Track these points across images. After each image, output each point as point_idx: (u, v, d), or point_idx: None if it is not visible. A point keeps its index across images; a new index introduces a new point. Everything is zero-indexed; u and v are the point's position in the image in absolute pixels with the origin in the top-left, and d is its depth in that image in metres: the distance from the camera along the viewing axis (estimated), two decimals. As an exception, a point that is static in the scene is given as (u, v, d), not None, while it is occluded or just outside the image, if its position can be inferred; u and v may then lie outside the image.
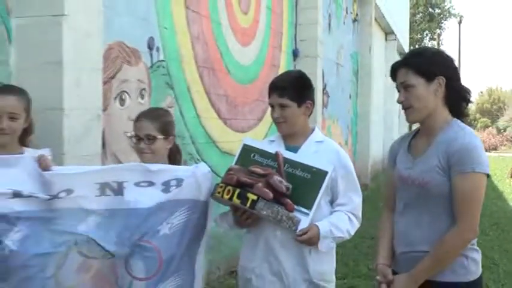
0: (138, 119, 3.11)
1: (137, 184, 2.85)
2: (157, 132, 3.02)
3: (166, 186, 2.88)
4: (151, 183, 2.87)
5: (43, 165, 2.72)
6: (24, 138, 2.99)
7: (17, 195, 2.62)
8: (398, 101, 2.68)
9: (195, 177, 2.92)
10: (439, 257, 2.53)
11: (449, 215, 2.54)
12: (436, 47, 40.79)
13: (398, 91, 2.69)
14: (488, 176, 2.53)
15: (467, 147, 2.49)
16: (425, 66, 2.58)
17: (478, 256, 2.62)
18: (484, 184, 2.53)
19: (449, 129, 2.58)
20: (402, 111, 2.74)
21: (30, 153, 2.92)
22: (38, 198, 2.65)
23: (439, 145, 2.57)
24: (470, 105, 2.75)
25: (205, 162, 5.34)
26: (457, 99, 2.64)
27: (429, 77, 2.57)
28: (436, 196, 2.55)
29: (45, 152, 2.93)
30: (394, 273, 2.69)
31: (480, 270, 2.63)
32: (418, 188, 2.61)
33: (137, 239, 2.77)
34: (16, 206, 2.61)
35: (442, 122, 2.62)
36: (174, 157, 3.20)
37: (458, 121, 2.62)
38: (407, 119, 2.71)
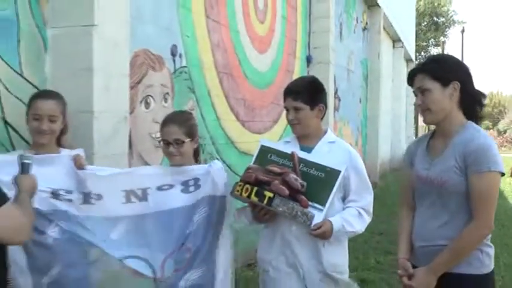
0: (165, 124, 3.04)
1: (159, 188, 2.92)
2: (185, 136, 2.98)
3: (185, 186, 2.94)
4: (171, 186, 2.93)
5: (78, 163, 2.85)
6: (60, 138, 3.04)
7: (55, 195, 2.71)
8: (416, 104, 2.68)
9: (210, 175, 2.95)
10: (457, 251, 2.52)
11: (466, 212, 2.54)
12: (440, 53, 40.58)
13: (416, 95, 2.68)
14: (503, 174, 2.53)
15: (483, 147, 2.49)
16: (441, 72, 2.57)
17: (491, 251, 2.62)
18: (499, 182, 2.54)
19: (465, 131, 2.57)
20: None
21: (66, 153, 2.98)
22: (72, 202, 2.76)
23: (456, 146, 2.56)
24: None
25: (224, 161, 5.37)
26: (470, 102, 2.62)
27: (445, 82, 2.56)
28: (453, 194, 2.55)
29: (79, 152, 3.00)
30: (414, 266, 2.68)
31: (493, 264, 2.62)
32: (436, 187, 2.60)
33: (171, 244, 2.84)
34: (55, 204, 2.69)
35: (458, 124, 2.60)
36: (195, 156, 3.19)
37: (473, 123, 2.61)
38: (424, 120, 2.71)
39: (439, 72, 2.57)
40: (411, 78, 2.69)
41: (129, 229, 2.82)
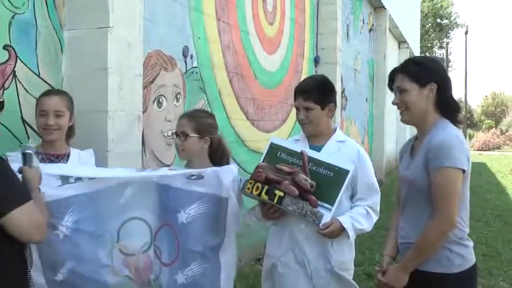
0: (179, 117, 3.06)
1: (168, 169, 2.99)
2: (191, 131, 2.93)
3: (189, 173, 2.89)
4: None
5: None
6: (67, 138, 2.98)
7: (64, 178, 2.65)
8: (393, 103, 2.67)
9: (217, 174, 2.85)
10: (421, 248, 2.49)
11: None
12: (444, 54, 40.31)
13: (395, 94, 2.66)
14: (463, 171, 2.44)
15: (441, 144, 2.44)
16: (419, 73, 2.56)
17: (464, 251, 2.52)
18: (458, 178, 2.43)
19: (435, 129, 2.54)
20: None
21: (75, 152, 2.95)
22: (82, 180, 2.69)
23: (425, 144, 2.53)
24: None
25: (234, 159, 5.33)
26: (447, 104, 2.59)
27: (422, 83, 2.54)
28: (421, 192, 2.52)
29: (89, 152, 2.98)
30: None
31: (468, 264, 2.52)
32: (409, 186, 2.60)
33: (165, 217, 2.84)
34: (65, 192, 2.64)
35: (432, 123, 2.57)
36: (215, 156, 3.06)
37: (446, 122, 2.56)
38: (401, 119, 2.69)
39: (418, 74, 2.55)
40: (391, 78, 2.67)
41: (135, 192, 2.80)
